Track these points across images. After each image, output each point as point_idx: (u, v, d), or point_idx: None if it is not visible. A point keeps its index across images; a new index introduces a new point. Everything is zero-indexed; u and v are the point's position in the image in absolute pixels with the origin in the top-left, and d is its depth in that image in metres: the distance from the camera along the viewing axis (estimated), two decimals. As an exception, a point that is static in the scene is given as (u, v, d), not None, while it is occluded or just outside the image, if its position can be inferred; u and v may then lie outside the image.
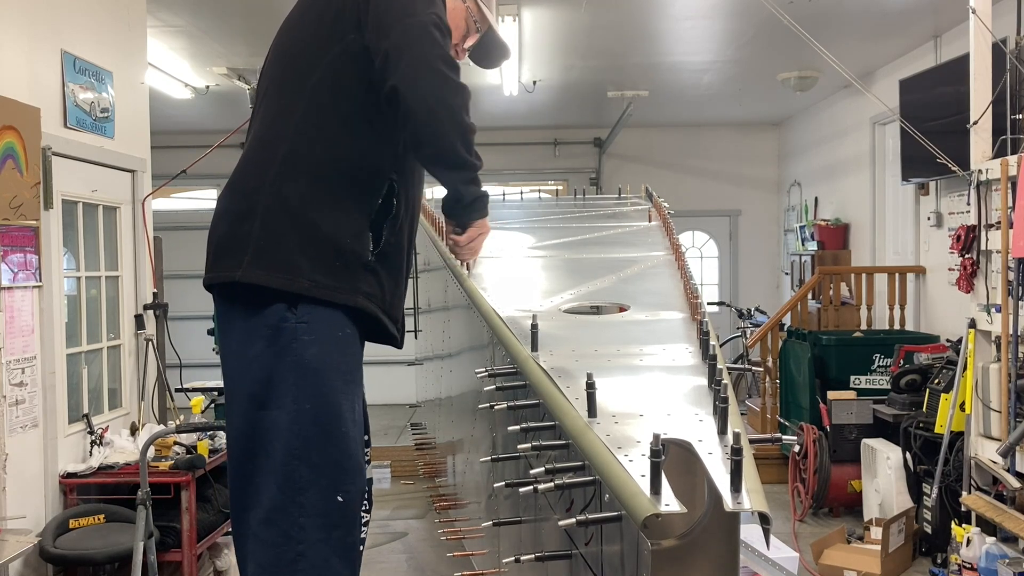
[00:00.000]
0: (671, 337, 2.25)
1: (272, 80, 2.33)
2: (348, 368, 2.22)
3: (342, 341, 2.21)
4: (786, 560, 3.72)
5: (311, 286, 2.15)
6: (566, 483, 1.69)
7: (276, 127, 2.25)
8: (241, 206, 2.23)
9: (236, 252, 2.20)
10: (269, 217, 2.18)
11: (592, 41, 7.16)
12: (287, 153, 2.20)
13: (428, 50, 2.11)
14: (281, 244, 2.16)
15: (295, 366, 2.15)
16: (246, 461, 2.21)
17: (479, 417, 3.13)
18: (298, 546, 2.12)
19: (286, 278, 2.15)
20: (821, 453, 6.21)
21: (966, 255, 4.80)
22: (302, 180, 2.18)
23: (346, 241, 2.19)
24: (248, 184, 2.25)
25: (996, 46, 4.82)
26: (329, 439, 2.15)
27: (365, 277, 2.23)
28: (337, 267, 2.18)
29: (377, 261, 2.25)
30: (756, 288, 11.33)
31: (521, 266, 3.34)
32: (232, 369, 2.27)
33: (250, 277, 2.17)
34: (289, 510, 2.13)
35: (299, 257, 2.15)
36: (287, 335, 2.15)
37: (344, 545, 2.17)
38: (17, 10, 4.27)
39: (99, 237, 5.05)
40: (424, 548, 5.70)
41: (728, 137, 11.33)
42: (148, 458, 4.08)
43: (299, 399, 2.14)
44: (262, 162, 2.24)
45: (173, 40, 6.86)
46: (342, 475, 2.16)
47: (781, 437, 1.90)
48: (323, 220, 2.17)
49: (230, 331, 2.27)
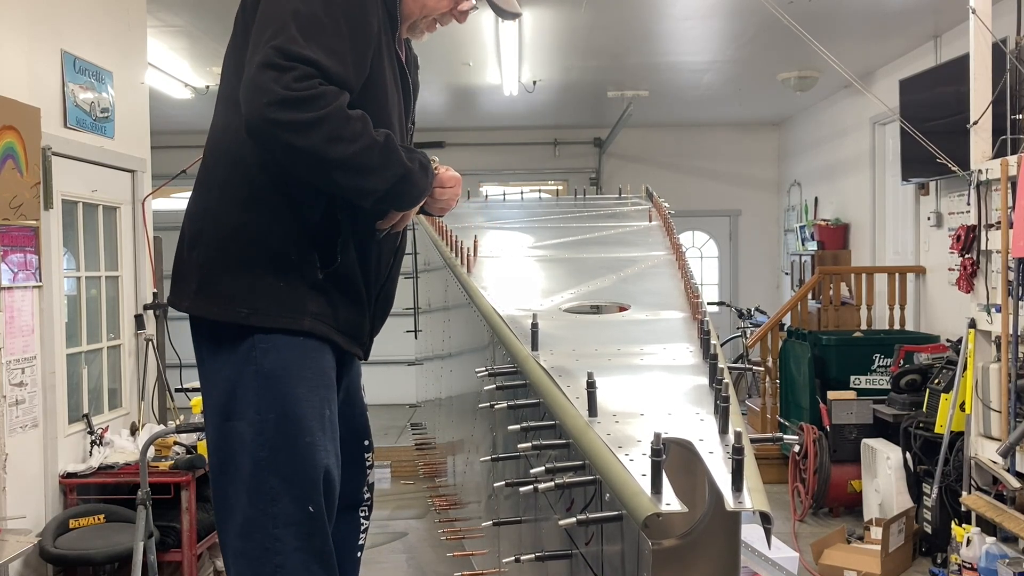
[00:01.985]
0: (672, 337, 2.25)
1: (218, 96, 2.29)
2: (312, 375, 2.17)
3: (303, 347, 2.16)
4: (786, 560, 3.72)
5: (250, 313, 2.12)
6: (566, 483, 1.68)
7: (217, 148, 2.21)
8: (192, 228, 2.21)
9: (185, 281, 2.21)
10: (211, 244, 2.15)
11: (592, 41, 7.16)
12: (225, 172, 2.17)
13: (257, 102, 1.94)
14: (221, 273, 2.14)
15: (256, 375, 2.12)
16: (219, 474, 2.19)
17: (479, 417, 3.13)
18: (276, 557, 2.09)
19: (226, 308, 2.13)
20: (821, 453, 6.21)
21: (966, 255, 4.80)
22: (240, 201, 2.14)
23: (290, 259, 2.13)
24: (197, 206, 2.23)
25: (996, 46, 4.81)
26: (295, 448, 2.11)
27: (314, 297, 2.16)
28: (281, 288, 2.14)
29: (328, 280, 2.18)
30: (756, 288, 11.33)
31: (521, 265, 3.34)
32: (202, 381, 2.27)
33: (195, 309, 2.19)
34: (263, 522, 2.10)
35: (240, 284, 2.13)
36: (246, 345, 2.13)
37: (323, 552, 2.14)
38: (17, 10, 4.27)
39: (99, 237, 5.05)
40: (424, 548, 5.70)
41: (728, 137, 11.33)
42: (148, 458, 4.07)
43: (261, 409, 2.11)
44: (207, 182, 2.21)
45: (173, 40, 6.85)
46: (311, 485, 2.12)
47: (782, 437, 1.89)
48: (263, 241, 2.13)
49: (197, 345, 2.27)
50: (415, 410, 8.31)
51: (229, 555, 2.19)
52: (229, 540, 2.17)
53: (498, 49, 7.14)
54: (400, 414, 9.10)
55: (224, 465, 2.17)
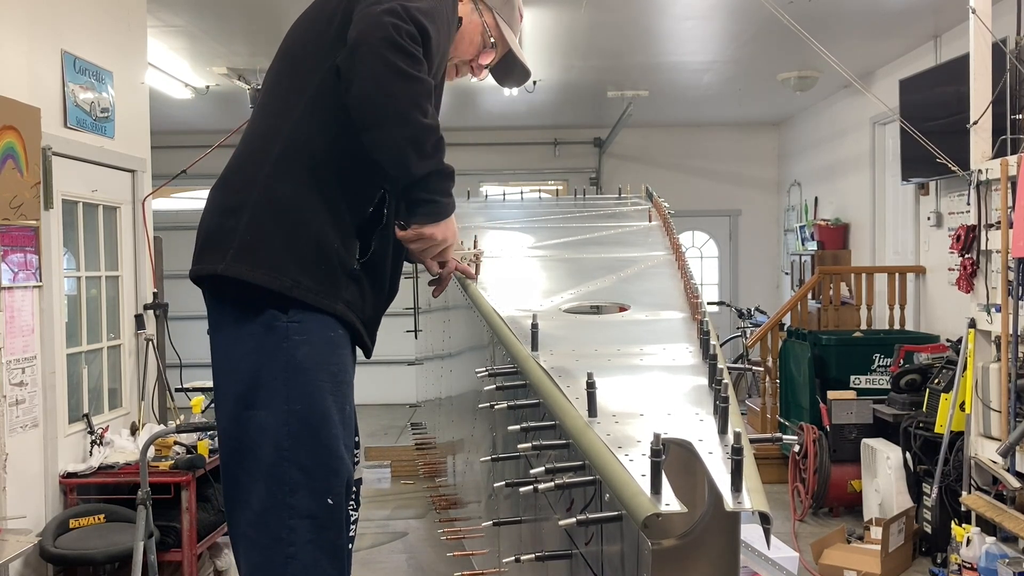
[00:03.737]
0: (671, 337, 2.25)
1: (276, 76, 2.30)
2: (338, 369, 2.18)
3: (332, 342, 2.17)
4: (786, 560, 3.72)
5: (293, 286, 2.10)
6: (566, 483, 1.68)
7: (274, 124, 2.21)
8: (231, 201, 2.19)
9: (221, 246, 2.15)
10: (258, 212, 2.14)
11: (592, 41, 7.16)
12: (283, 151, 2.16)
13: (376, 32, 2.00)
14: (267, 241, 2.12)
15: (286, 366, 2.11)
16: (234, 463, 2.18)
17: (479, 417, 3.13)
18: (288, 548, 2.08)
19: (269, 275, 2.10)
20: (821, 453, 6.21)
21: (966, 255, 4.80)
22: (295, 179, 2.15)
23: (334, 246, 2.15)
24: (240, 178, 2.21)
25: (996, 46, 4.81)
26: (318, 440, 2.11)
27: (348, 285, 2.19)
28: (322, 271, 2.14)
29: (362, 270, 2.22)
30: (756, 288, 11.33)
31: (521, 266, 3.34)
32: (220, 368, 2.23)
33: (233, 271, 2.12)
34: (279, 512, 2.09)
35: (284, 255, 2.11)
36: (278, 334, 2.11)
37: (335, 547, 2.14)
38: (17, 10, 4.27)
39: (99, 237, 5.05)
40: (424, 548, 5.70)
41: (728, 137, 11.33)
42: (148, 458, 4.07)
43: (290, 400, 2.10)
44: (257, 159, 2.20)
45: (173, 40, 6.86)
46: (332, 477, 2.13)
47: (782, 437, 1.89)
48: (312, 222, 2.13)
49: (219, 328, 2.23)
50: (415, 410, 8.31)
51: (240, 543, 2.17)
52: (241, 528, 2.16)
53: (498, 49, 7.14)
54: (400, 414, 9.10)
55: (241, 453, 2.15)
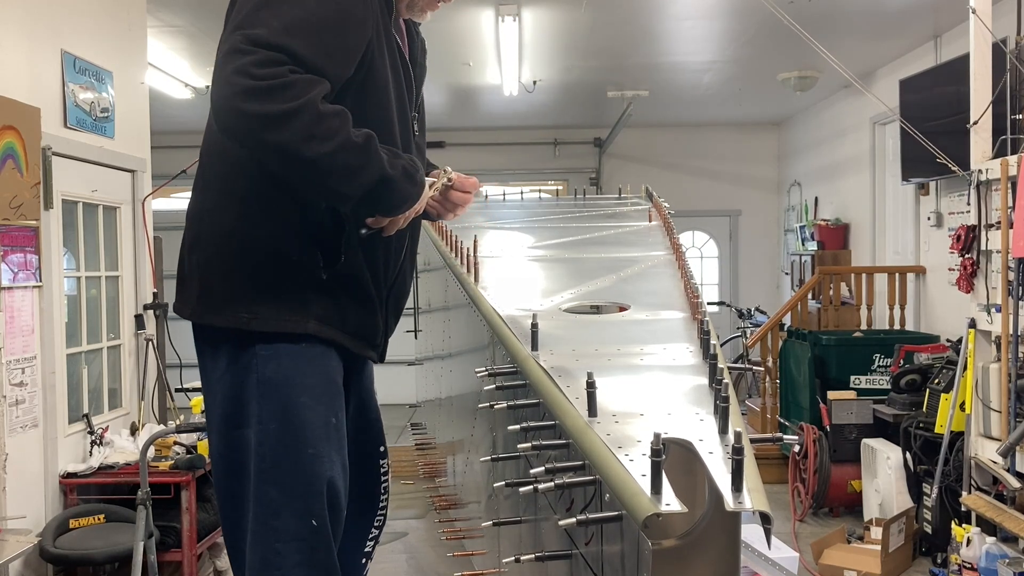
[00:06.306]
0: (671, 337, 2.24)
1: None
2: (317, 382, 2.10)
3: (308, 353, 2.09)
4: (786, 560, 3.72)
5: (250, 319, 2.05)
6: (566, 483, 1.68)
7: (212, 147, 2.13)
8: (188, 235, 2.16)
9: (188, 285, 2.16)
10: (207, 246, 2.09)
11: (592, 41, 7.16)
12: (217, 173, 2.11)
13: (222, 92, 1.81)
14: (221, 276, 2.08)
15: (257, 383, 2.06)
16: (224, 482, 2.16)
17: (479, 417, 3.13)
18: (276, 572, 2.04)
19: (227, 315, 2.07)
20: (821, 453, 6.20)
21: (966, 255, 4.80)
22: (235, 199, 2.07)
23: (292, 258, 2.05)
24: (193, 209, 2.17)
25: (996, 46, 4.81)
26: (297, 459, 2.04)
27: (318, 299, 2.08)
28: (284, 289, 2.06)
29: (333, 280, 2.09)
30: (756, 288, 11.33)
31: (521, 266, 3.34)
32: (205, 388, 2.23)
33: (199, 318, 2.14)
34: (264, 535, 2.04)
35: (239, 287, 2.06)
36: (247, 353, 2.08)
37: (326, 567, 2.08)
38: (17, 10, 4.27)
39: (99, 237, 5.05)
40: (424, 548, 5.69)
41: (728, 137, 11.33)
42: (148, 458, 4.07)
43: (263, 418, 2.05)
44: (202, 185, 2.16)
45: (173, 40, 6.85)
46: (310, 498, 2.05)
47: (782, 437, 1.89)
48: (261, 238, 2.04)
49: (200, 350, 2.22)
50: (415, 410, 8.31)
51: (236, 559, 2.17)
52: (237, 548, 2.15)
53: (498, 49, 7.14)
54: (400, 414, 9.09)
55: (228, 473, 2.14)
